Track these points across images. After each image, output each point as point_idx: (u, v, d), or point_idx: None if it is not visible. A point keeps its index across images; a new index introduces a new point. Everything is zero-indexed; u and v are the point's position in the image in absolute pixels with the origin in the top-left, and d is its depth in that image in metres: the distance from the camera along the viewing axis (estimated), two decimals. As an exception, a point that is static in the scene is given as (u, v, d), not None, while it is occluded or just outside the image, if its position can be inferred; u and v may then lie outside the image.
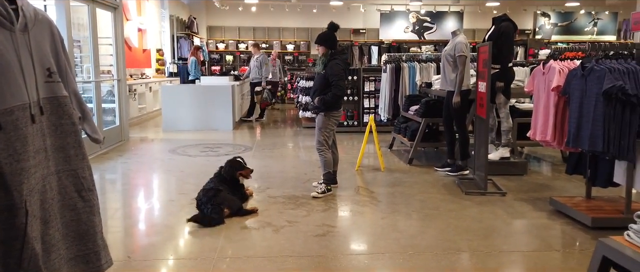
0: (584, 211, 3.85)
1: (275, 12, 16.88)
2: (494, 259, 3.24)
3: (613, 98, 3.38)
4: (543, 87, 4.21)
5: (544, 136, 4.20)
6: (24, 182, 1.76)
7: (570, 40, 16.17)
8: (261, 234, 3.65)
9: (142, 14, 11.72)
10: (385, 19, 16.56)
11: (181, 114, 9.08)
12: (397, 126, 7.13)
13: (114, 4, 7.53)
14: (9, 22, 1.76)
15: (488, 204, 4.43)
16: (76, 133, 2.05)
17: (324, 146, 4.74)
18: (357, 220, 4.07)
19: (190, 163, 6.27)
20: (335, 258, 3.23)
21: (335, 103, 4.66)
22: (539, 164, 6.42)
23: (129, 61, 10.05)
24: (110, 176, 5.74)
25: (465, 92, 5.35)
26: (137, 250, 3.43)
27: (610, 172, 3.83)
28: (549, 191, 4.91)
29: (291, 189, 4.92)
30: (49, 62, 1.96)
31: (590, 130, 3.57)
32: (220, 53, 17.45)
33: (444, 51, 5.54)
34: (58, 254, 1.94)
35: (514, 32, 5.41)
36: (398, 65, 7.87)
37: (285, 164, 6.25)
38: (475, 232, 3.72)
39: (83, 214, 2.06)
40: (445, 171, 5.64)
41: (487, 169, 4.79)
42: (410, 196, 4.73)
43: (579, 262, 3.23)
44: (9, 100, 1.73)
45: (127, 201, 4.78)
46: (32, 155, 1.81)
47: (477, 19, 16.73)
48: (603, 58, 3.69)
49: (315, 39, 4.88)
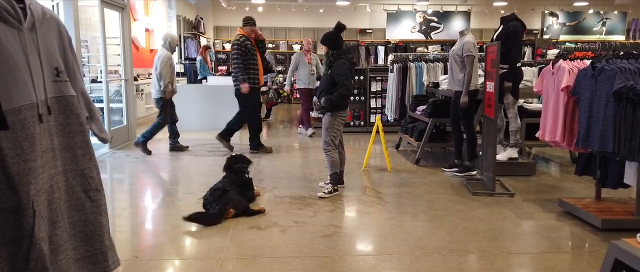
0: (594, 213, 3.81)
1: (281, 12, 16.88)
2: (502, 260, 3.21)
3: (624, 98, 3.34)
4: (552, 87, 4.17)
5: (553, 137, 4.16)
6: (32, 182, 1.75)
7: (578, 40, 16.04)
8: (268, 235, 3.64)
9: (149, 14, 11.75)
10: (391, 18, 16.50)
11: (188, 113, 9.08)
12: (404, 126, 7.11)
13: (122, 4, 7.55)
14: (17, 21, 1.75)
15: (496, 205, 4.40)
16: (84, 133, 2.04)
17: (331, 146, 4.72)
18: (364, 220, 4.05)
19: (197, 163, 6.27)
20: (342, 259, 3.22)
21: (342, 103, 4.64)
22: (548, 165, 6.37)
23: (136, 61, 10.08)
24: (118, 175, 5.76)
25: (473, 92, 5.31)
26: (144, 250, 3.43)
27: (620, 173, 3.79)
28: (557, 192, 4.86)
29: (298, 189, 4.91)
30: (57, 61, 1.95)
31: (601, 130, 3.54)
32: (227, 53, 17.46)
33: (452, 51, 5.51)
34: (65, 255, 1.93)
35: (523, 32, 5.37)
36: (405, 65, 7.84)
37: (291, 164, 6.24)
38: (484, 233, 3.69)
39: (90, 215, 2.05)
40: (452, 172, 5.61)
41: (495, 170, 4.75)
42: (418, 196, 4.71)
43: (588, 264, 3.20)
44: (17, 99, 1.72)
45: (134, 200, 4.78)
46: (40, 155, 1.81)
47: (484, 18, 16.64)
48: (613, 58, 3.65)
49: (320, 39, 4.88)
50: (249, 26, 6.66)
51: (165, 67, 6.47)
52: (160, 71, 6.46)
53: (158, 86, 6.54)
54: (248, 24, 6.67)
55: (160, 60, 6.49)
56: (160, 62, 6.46)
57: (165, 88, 6.53)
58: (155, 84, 6.57)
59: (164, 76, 6.47)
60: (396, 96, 7.90)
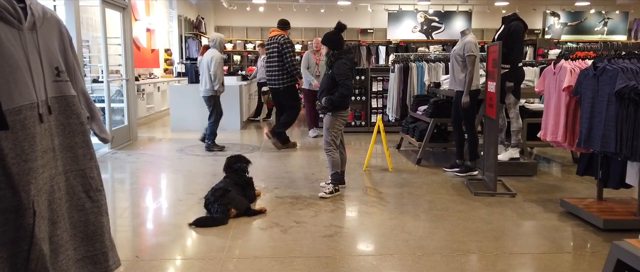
0: (596, 213, 3.80)
1: (283, 12, 16.86)
2: (503, 260, 3.21)
3: (626, 98, 3.33)
4: (554, 87, 4.16)
5: (554, 137, 4.15)
6: (32, 182, 1.75)
7: (580, 40, 16.01)
8: (269, 235, 3.64)
9: (150, 14, 11.76)
10: (393, 18, 16.50)
11: (189, 113, 9.09)
12: (405, 126, 7.10)
13: (123, 4, 7.55)
14: (17, 20, 1.75)
15: (497, 205, 4.39)
16: (84, 133, 2.04)
17: (332, 146, 4.72)
18: (365, 221, 4.04)
19: (198, 163, 6.27)
20: (343, 259, 3.21)
21: (343, 103, 4.64)
22: (549, 165, 6.36)
23: (138, 61, 10.09)
24: (119, 175, 5.76)
25: (474, 92, 5.31)
26: (145, 250, 3.43)
27: (622, 173, 3.78)
28: (559, 192, 4.85)
29: (299, 190, 4.90)
30: (58, 61, 1.95)
31: (603, 130, 3.52)
32: (227, 53, 17.47)
33: (453, 51, 5.50)
34: (66, 255, 1.93)
35: (524, 32, 5.36)
36: (406, 65, 7.84)
37: (292, 164, 6.24)
38: (485, 233, 3.68)
39: (91, 215, 2.05)
40: (453, 172, 5.60)
41: (496, 170, 4.75)
42: (419, 196, 4.70)
43: (590, 264, 3.19)
44: (17, 99, 1.72)
45: (135, 200, 4.78)
46: (40, 155, 1.80)
47: (485, 18, 16.63)
48: (615, 58, 3.64)
49: (321, 39, 4.87)
50: (288, 29, 7.44)
51: (219, 68, 6.91)
52: (214, 72, 6.86)
53: (210, 85, 6.92)
54: (289, 27, 7.46)
55: (213, 61, 6.86)
56: (214, 64, 6.85)
57: (219, 87, 6.99)
58: (207, 83, 6.93)
59: (218, 77, 6.90)
60: (397, 96, 7.89)
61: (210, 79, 6.88)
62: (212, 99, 7.03)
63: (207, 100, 7.07)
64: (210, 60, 6.89)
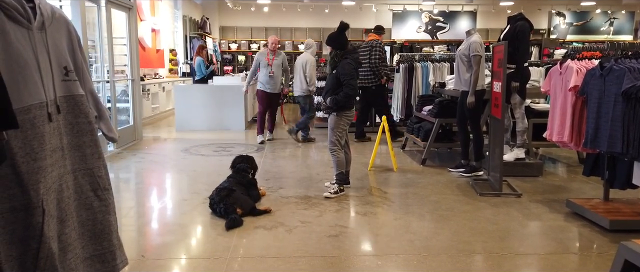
0: (602, 214, 3.79)
1: (287, 12, 16.88)
2: (509, 261, 3.20)
3: (632, 98, 3.31)
4: (560, 87, 4.15)
5: (560, 137, 4.14)
6: (41, 181, 1.76)
7: (585, 39, 15.94)
8: (274, 234, 3.64)
9: (155, 14, 11.79)
10: (397, 18, 16.47)
11: (194, 113, 9.12)
12: (410, 126, 7.09)
13: (128, 4, 7.58)
14: (27, 20, 1.76)
15: (503, 206, 4.38)
16: (92, 132, 2.05)
17: (337, 146, 4.72)
18: (370, 221, 4.04)
19: (203, 163, 6.28)
20: (348, 259, 3.21)
21: (347, 103, 4.64)
22: (555, 166, 6.34)
23: (143, 61, 10.12)
24: (124, 175, 5.78)
25: (479, 92, 5.29)
26: (151, 249, 3.44)
27: (628, 173, 3.75)
28: (565, 193, 4.83)
29: (304, 189, 4.91)
30: (66, 60, 1.96)
31: (609, 131, 3.51)
32: (232, 53, 17.50)
33: (458, 51, 5.49)
34: (74, 254, 1.94)
35: (530, 32, 5.34)
36: (411, 65, 7.83)
37: (297, 164, 6.24)
38: (490, 234, 3.67)
39: (99, 214, 2.06)
40: (459, 172, 5.59)
41: (501, 170, 4.73)
42: (424, 196, 4.69)
43: (596, 265, 3.17)
44: (26, 98, 1.73)
45: (140, 199, 4.80)
46: (49, 154, 1.81)
47: (490, 18, 16.58)
48: (622, 57, 3.62)
49: (325, 40, 4.87)
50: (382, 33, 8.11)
51: (313, 71, 7.78)
52: (310, 74, 7.70)
53: (306, 86, 7.75)
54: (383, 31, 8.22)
55: (309, 65, 7.70)
56: (309, 67, 7.69)
57: (313, 87, 7.85)
58: (303, 84, 7.74)
59: (313, 79, 7.77)
60: (402, 96, 7.90)
61: (305, 80, 7.66)
62: (308, 98, 7.83)
63: (303, 99, 7.84)
64: (305, 63, 7.65)
